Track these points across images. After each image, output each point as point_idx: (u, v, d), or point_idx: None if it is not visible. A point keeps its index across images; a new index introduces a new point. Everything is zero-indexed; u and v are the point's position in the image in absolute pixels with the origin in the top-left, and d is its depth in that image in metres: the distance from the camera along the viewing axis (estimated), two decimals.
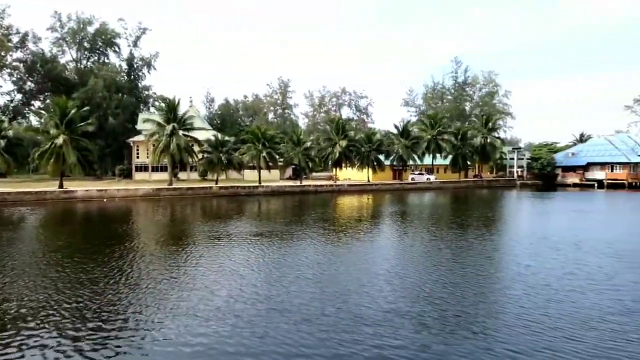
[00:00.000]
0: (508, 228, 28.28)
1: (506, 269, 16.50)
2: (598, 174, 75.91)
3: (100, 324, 10.91)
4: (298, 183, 62.72)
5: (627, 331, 10.29)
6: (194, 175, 69.96)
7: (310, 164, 66.18)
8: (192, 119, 60.33)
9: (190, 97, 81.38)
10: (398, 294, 13.13)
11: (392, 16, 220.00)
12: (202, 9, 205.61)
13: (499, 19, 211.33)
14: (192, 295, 13.12)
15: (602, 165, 76.44)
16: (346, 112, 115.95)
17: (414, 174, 74.75)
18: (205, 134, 66.15)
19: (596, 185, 72.98)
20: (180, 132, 55.14)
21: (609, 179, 73.67)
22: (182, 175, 70.11)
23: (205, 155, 58.95)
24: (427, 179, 72.22)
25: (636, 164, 75.10)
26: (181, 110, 58.84)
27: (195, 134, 59.77)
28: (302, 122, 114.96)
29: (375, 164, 67.78)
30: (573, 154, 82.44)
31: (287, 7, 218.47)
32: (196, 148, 58.67)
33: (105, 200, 46.93)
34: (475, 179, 78.64)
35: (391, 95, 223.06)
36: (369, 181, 68.63)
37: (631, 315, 11.33)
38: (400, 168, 73.89)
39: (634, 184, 71.91)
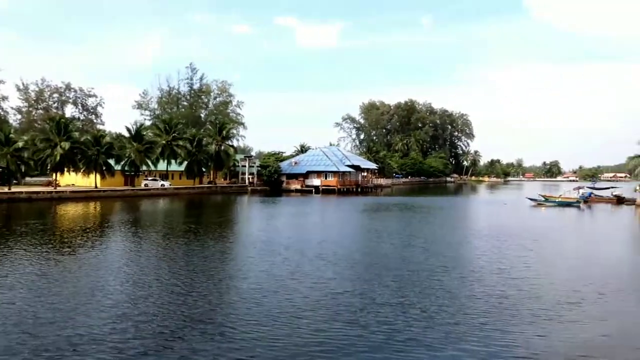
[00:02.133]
0: (236, 233, 28.97)
1: (223, 276, 16.49)
2: (315, 181, 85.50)
3: None
4: (6, 189, 52.90)
5: (314, 325, 11.09)
6: None
7: (23, 168, 56.63)
8: None
9: None
10: (100, 316, 11.63)
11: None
12: None
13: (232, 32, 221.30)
14: None
15: (319, 173, 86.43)
16: (71, 111, 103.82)
17: (148, 179, 71.29)
18: None
19: (314, 191, 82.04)
20: None
21: (323, 186, 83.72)
22: None
23: None
24: (162, 185, 69.75)
25: (344, 172, 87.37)
26: None
27: None
28: (14, 119, 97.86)
29: (104, 168, 62.17)
30: (295, 162, 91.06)
31: None
32: None
33: None
34: (210, 185, 79.62)
35: (124, 96, 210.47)
36: (96, 187, 62.49)
37: (318, 310, 12.30)
38: (133, 174, 69.53)
39: (342, 189, 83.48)
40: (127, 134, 69.72)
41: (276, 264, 18.18)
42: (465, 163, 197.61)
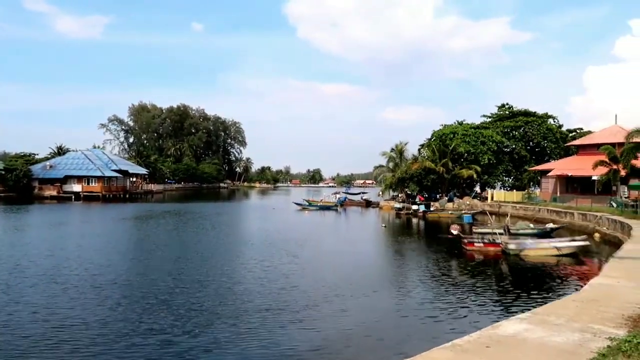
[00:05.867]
0: None
1: None
2: (76, 187, 76.55)
3: None
4: None
5: None
6: None
7: None
8: None
9: None
10: None
11: None
12: None
13: None
14: None
15: (80, 178, 77.60)
16: None
17: None
18: None
19: (74, 197, 73.29)
20: None
21: (85, 192, 75.48)
22: None
23: None
24: None
25: (110, 177, 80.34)
26: None
27: None
28: None
29: None
30: (51, 166, 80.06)
31: None
32: None
33: None
34: None
35: None
36: None
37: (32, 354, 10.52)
38: None
39: (108, 196, 76.53)
40: None
41: None
42: (238, 169, 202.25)
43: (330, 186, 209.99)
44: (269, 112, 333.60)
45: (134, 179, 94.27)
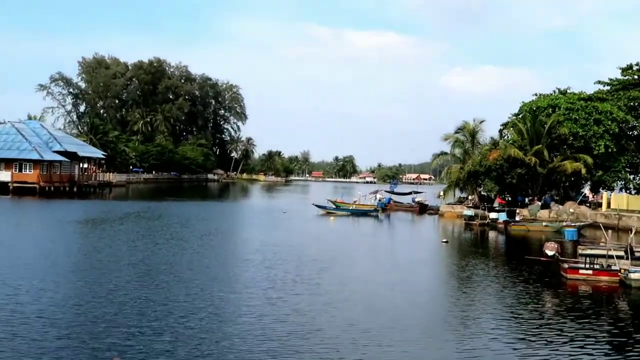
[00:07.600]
0: None
1: None
2: (3, 175, 77.76)
3: None
4: None
5: None
6: None
7: None
8: None
9: None
10: None
11: None
12: None
13: None
14: None
15: (8, 162, 78.78)
16: None
17: None
18: None
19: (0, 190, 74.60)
20: None
21: (16, 182, 76.55)
22: None
23: None
24: None
25: (51, 162, 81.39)
26: None
27: None
28: None
29: None
30: None
31: None
32: None
33: None
34: None
35: None
36: None
37: None
38: None
39: (47, 188, 77.43)
40: None
41: None
42: (234, 154, 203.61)
43: (367, 182, 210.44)
44: (279, 73, 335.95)
45: (86, 165, 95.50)
